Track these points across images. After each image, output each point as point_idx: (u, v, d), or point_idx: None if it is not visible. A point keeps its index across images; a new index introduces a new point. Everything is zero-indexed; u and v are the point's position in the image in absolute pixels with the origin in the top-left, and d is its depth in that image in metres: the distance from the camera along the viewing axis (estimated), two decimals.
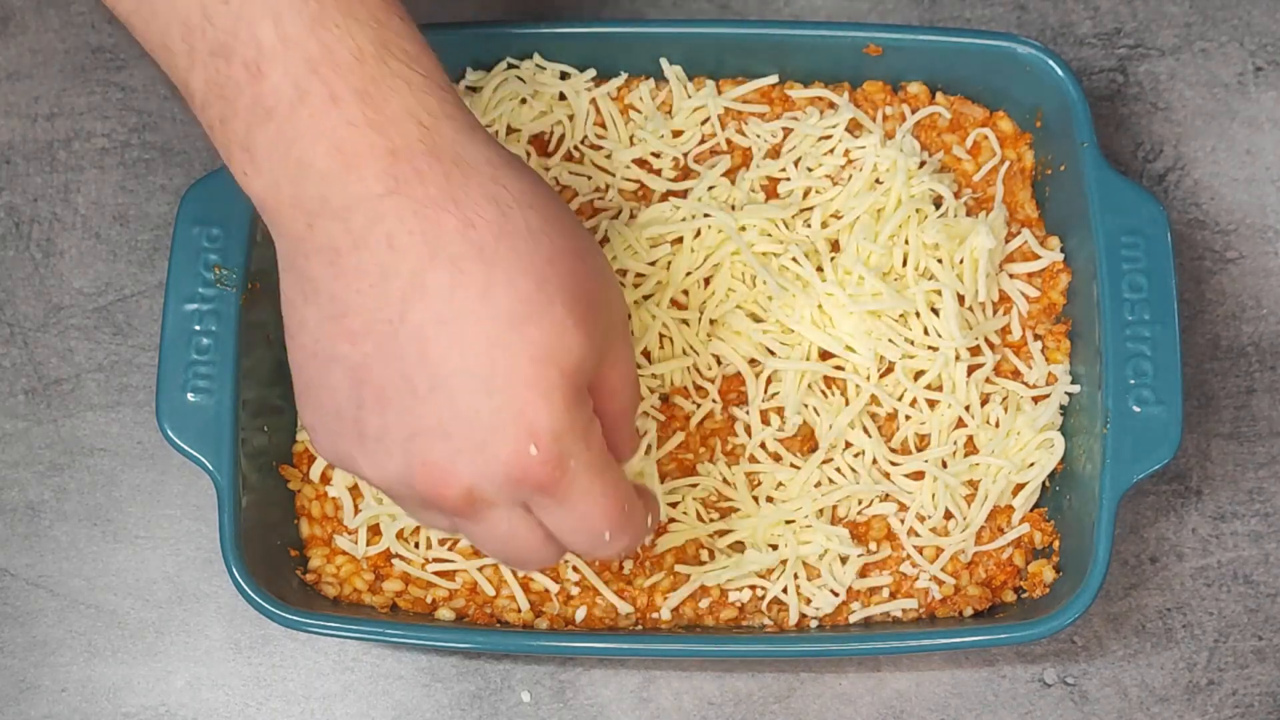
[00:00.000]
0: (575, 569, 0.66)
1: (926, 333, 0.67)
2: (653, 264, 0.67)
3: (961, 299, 0.67)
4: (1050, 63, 0.68)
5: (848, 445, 0.66)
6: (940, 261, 0.67)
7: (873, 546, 0.67)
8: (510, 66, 0.70)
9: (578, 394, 0.51)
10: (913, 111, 0.71)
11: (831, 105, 0.70)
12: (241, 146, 0.50)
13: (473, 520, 0.53)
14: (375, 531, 0.67)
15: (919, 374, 0.67)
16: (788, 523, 0.66)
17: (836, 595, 0.66)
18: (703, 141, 0.70)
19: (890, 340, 0.66)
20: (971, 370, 0.67)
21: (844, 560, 0.66)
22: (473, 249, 0.49)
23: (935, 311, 0.67)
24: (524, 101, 0.70)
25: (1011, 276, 0.69)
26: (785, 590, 0.66)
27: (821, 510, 0.66)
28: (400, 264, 0.49)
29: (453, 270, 0.49)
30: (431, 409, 0.50)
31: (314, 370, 0.52)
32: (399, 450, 0.51)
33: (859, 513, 0.67)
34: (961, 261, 0.67)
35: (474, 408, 0.50)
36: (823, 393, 0.67)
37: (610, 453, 0.55)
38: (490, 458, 0.50)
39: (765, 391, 0.67)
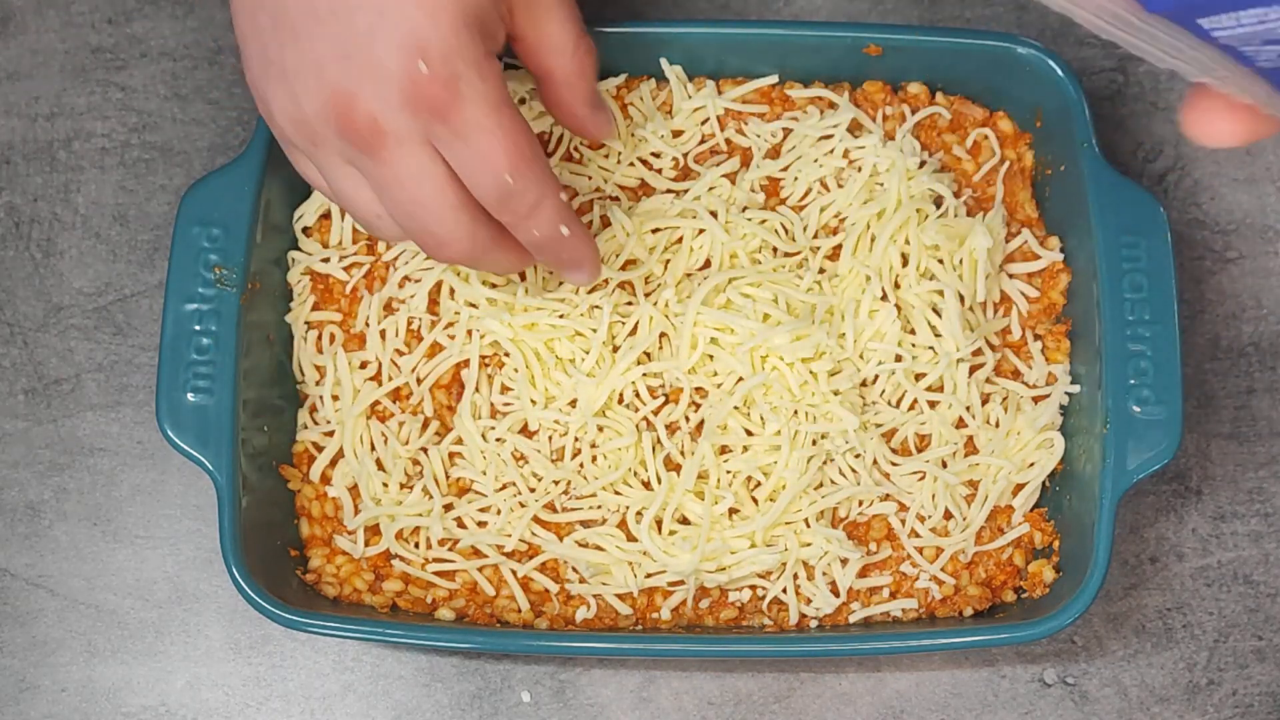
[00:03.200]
0: (574, 569, 0.66)
1: (915, 331, 0.67)
2: (652, 249, 0.67)
3: (962, 299, 0.67)
4: (1050, 63, 0.68)
5: (849, 448, 0.66)
6: (941, 262, 0.67)
7: (873, 547, 0.67)
8: (509, 67, 0.70)
9: (471, 22, 0.54)
10: (913, 111, 0.71)
11: (831, 105, 0.70)
12: None
13: (382, 158, 0.55)
14: (375, 531, 0.67)
15: (919, 375, 0.67)
16: (786, 524, 0.66)
17: (837, 596, 0.66)
18: (703, 141, 0.70)
19: (900, 345, 0.66)
20: (973, 370, 0.67)
21: (844, 563, 0.66)
22: None
23: (937, 312, 0.67)
24: (523, 101, 0.70)
25: (1011, 276, 0.69)
26: (785, 590, 0.66)
27: (822, 513, 0.66)
28: None
29: None
30: (332, 32, 0.53)
31: (246, 19, 0.55)
32: (313, 82, 0.54)
33: (859, 513, 0.67)
34: (961, 262, 0.67)
35: (368, 26, 0.53)
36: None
37: (574, 118, 0.61)
38: (385, 76, 0.53)
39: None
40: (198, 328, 0.65)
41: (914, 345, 0.67)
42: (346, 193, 0.58)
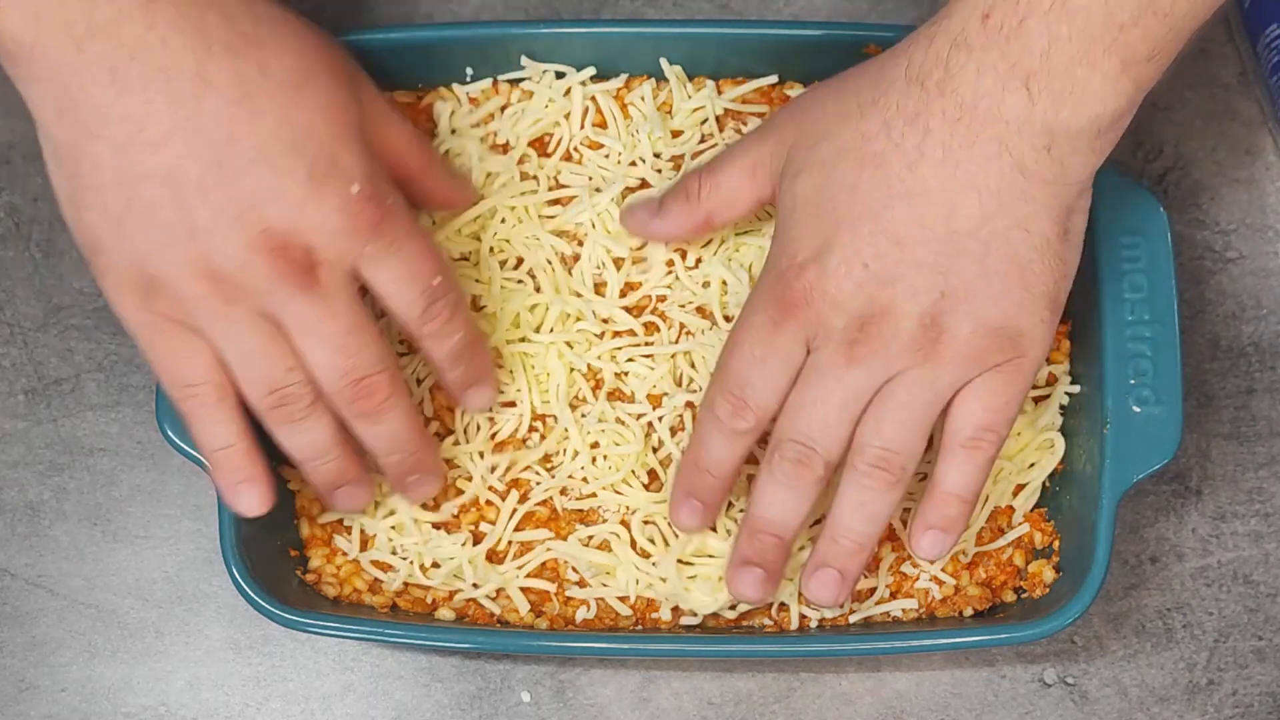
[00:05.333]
0: (574, 569, 0.66)
1: None
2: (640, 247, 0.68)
3: None
4: None
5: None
6: None
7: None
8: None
9: (368, 146, 0.57)
10: None
11: None
12: None
13: (316, 291, 0.55)
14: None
15: None
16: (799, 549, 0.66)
17: (840, 605, 0.66)
18: (703, 141, 0.70)
19: None
20: None
21: None
22: (238, 36, 0.54)
23: None
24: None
25: None
26: (788, 593, 0.66)
27: (821, 517, 0.66)
28: (182, 62, 0.53)
29: (229, 56, 0.53)
30: (255, 179, 0.54)
31: (123, 199, 0.54)
32: (236, 228, 0.54)
33: None
34: None
35: (291, 166, 0.54)
36: None
37: (443, 197, 0.64)
38: (323, 204, 0.55)
39: None
40: None
41: None
42: (254, 351, 0.57)
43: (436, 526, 0.66)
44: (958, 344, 0.56)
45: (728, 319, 0.67)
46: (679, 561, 0.65)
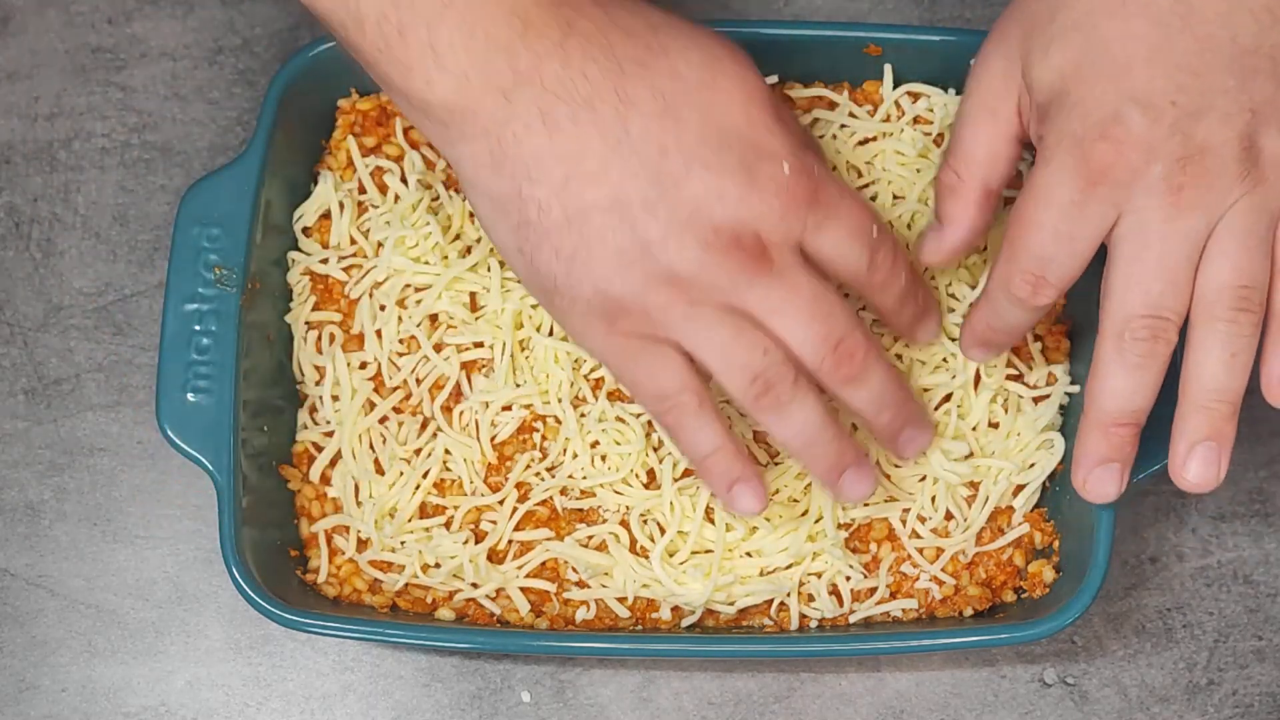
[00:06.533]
0: (574, 569, 0.66)
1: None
2: None
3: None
4: None
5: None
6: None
7: (873, 547, 0.67)
8: None
9: (782, 118, 0.57)
10: (913, 101, 0.70)
11: (832, 105, 0.70)
12: (426, 47, 0.53)
13: (774, 275, 0.55)
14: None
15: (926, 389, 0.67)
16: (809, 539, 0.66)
17: (840, 605, 0.66)
18: None
19: (919, 361, 0.67)
20: (977, 380, 0.67)
21: (849, 578, 0.66)
22: (645, 50, 0.55)
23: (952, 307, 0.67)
24: None
25: None
26: (789, 595, 0.66)
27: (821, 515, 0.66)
28: (602, 90, 0.54)
29: (642, 71, 0.55)
30: (694, 184, 0.54)
31: (574, 238, 0.55)
32: (687, 234, 0.55)
33: (864, 516, 0.67)
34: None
35: (723, 162, 0.55)
36: None
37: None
38: (763, 193, 0.55)
39: None
40: (198, 328, 0.65)
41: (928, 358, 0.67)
42: (728, 341, 0.56)
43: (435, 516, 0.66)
44: (1278, 160, 0.55)
45: None
46: (668, 554, 0.65)
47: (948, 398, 0.67)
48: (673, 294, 0.55)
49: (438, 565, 0.66)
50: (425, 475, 0.66)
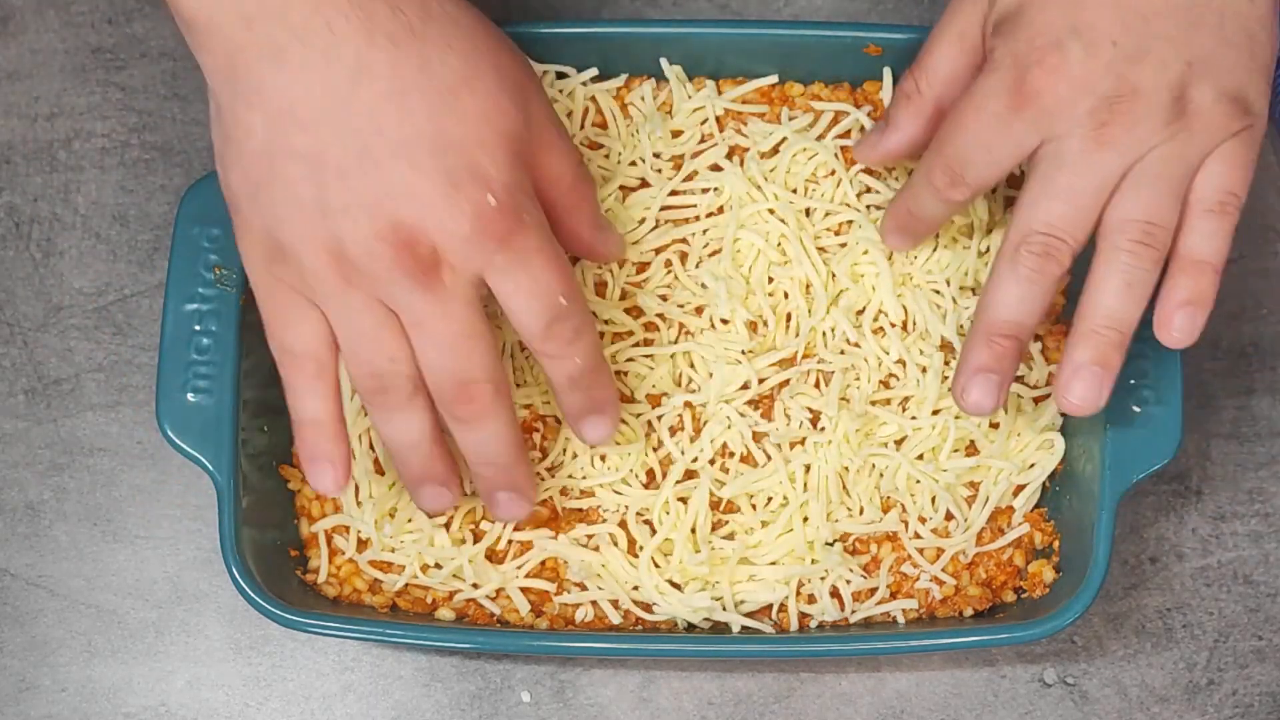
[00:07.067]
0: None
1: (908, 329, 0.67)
2: (635, 243, 0.68)
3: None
4: None
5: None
6: (947, 283, 0.67)
7: (874, 548, 0.67)
8: None
9: (519, 158, 0.56)
10: None
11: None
12: None
13: (436, 289, 0.55)
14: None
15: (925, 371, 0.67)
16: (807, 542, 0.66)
17: (841, 608, 0.66)
18: (703, 141, 0.70)
19: (921, 351, 0.66)
20: None
21: (849, 581, 0.66)
22: (403, 29, 0.54)
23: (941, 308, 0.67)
24: None
25: None
26: (789, 597, 0.66)
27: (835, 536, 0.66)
28: (343, 48, 0.53)
29: (390, 48, 0.54)
30: (394, 173, 0.54)
31: (265, 168, 0.55)
32: (367, 216, 0.54)
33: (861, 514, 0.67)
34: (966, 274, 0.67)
35: (432, 167, 0.54)
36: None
37: (581, 243, 0.62)
38: (455, 210, 0.55)
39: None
40: (198, 328, 0.65)
41: (921, 352, 0.67)
42: (364, 333, 0.57)
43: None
44: (1204, 113, 0.56)
45: (725, 321, 0.67)
46: (661, 554, 0.65)
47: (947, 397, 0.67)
48: (332, 265, 0.55)
49: (438, 566, 0.66)
50: None
